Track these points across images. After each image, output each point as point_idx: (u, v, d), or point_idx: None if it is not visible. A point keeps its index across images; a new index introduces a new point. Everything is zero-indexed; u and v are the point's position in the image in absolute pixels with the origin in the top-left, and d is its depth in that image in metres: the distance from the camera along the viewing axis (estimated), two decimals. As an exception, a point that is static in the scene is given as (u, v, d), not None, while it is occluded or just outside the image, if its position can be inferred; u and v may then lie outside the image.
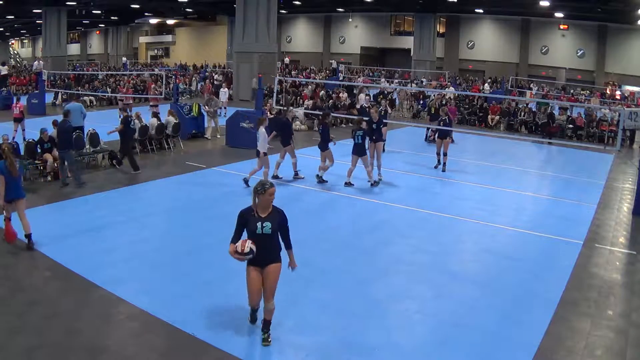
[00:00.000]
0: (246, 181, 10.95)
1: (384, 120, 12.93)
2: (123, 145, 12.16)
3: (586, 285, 6.93)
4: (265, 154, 10.64)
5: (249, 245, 4.86)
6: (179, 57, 52.40)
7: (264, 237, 4.93)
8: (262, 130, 10.57)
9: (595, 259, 7.90)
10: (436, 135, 14.50)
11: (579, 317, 6.05)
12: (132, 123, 12.62)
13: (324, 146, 11.40)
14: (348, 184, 11.31)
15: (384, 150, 12.31)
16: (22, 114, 15.33)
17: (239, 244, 4.91)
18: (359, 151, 11.10)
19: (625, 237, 9.09)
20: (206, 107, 17.05)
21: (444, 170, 13.03)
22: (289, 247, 5.21)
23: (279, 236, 5.09)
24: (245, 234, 5.02)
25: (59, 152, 10.75)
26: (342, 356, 5.15)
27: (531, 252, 8.11)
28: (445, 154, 13.10)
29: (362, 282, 6.80)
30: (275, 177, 11.54)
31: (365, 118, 12.12)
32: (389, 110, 19.08)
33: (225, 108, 21.59)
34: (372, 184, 11.33)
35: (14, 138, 13.56)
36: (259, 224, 4.92)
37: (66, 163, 10.78)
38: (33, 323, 5.50)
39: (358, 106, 19.79)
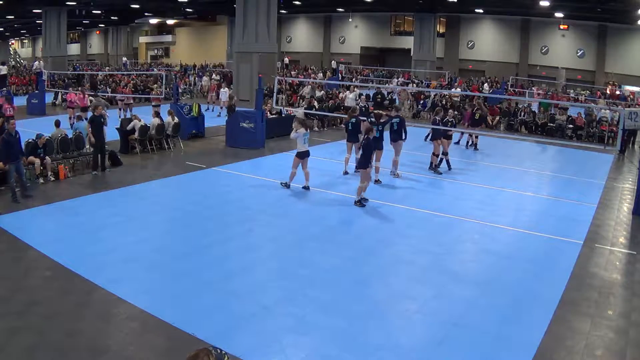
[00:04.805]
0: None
1: (362, 118, 12.86)
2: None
3: (586, 285, 6.93)
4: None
5: None
6: (179, 57, 52.35)
7: None
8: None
9: (595, 259, 7.90)
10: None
11: (579, 317, 6.05)
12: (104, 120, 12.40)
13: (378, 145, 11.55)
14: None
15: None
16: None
17: None
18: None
19: (625, 237, 9.08)
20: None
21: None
22: None
23: None
24: None
25: (10, 163, 9.49)
26: (342, 356, 5.15)
27: (531, 252, 8.11)
28: (445, 153, 13.18)
29: (362, 282, 6.80)
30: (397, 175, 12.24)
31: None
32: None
33: (224, 108, 21.54)
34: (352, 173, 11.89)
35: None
36: None
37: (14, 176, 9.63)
38: (33, 323, 5.50)
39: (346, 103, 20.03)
